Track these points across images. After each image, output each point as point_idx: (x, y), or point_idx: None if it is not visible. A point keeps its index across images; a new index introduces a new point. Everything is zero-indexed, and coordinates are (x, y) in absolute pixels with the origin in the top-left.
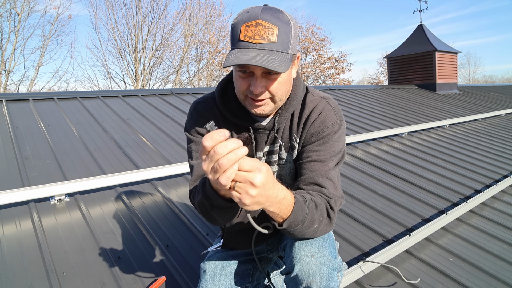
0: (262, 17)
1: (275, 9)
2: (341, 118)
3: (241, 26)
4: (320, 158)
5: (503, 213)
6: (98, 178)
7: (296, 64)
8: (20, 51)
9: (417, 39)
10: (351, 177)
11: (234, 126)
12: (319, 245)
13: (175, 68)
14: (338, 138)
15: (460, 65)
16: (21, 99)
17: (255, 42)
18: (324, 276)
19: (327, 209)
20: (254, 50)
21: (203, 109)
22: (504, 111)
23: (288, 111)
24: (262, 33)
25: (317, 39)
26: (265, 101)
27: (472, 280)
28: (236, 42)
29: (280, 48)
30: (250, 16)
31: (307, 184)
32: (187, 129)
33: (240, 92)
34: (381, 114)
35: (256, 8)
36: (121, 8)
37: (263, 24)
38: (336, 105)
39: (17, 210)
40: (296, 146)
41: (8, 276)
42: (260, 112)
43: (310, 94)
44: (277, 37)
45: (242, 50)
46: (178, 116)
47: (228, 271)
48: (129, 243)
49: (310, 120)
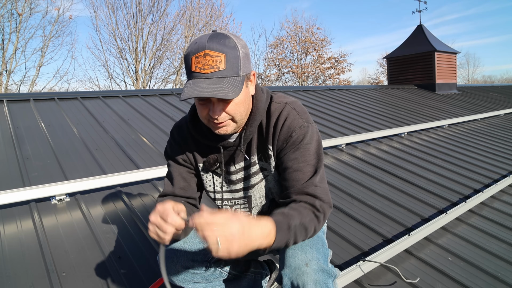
0: (209, 46)
1: (222, 35)
2: (307, 120)
3: (191, 58)
4: (299, 166)
5: (502, 212)
6: (98, 178)
7: (253, 80)
8: (21, 51)
9: (416, 39)
10: (351, 177)
11: (206, 147)
12: (313, 253)
13: (176, 68)
14: (310, 140)
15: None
16: (22, 99)
17: (205, 72)
18: (319, 283)
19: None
20: (205, 80)
21: (178, 135)
22: (503, 111)
23: (253, 125)
24: (211, 62)
25: (317, 39)
26: (226, 122)
27: (472, 279)
28: (189, 74)
29: (230, 73)
30: (198, 47)
31: (299, 194)
32: (165, 153)
33: (202, 117)
34: (380, 114)
35: (203, 38)
36: (122, 9)
37: (210, 54)
38: (301, 108)
39: (18, 210)
40: (271, 154)
41: (9, 276)
42: (223, 133)
43: (273, 102)
44: (226, 63)
45: (194, 81)
46: (178, 116)
47: (194, 241)
48: (130, 243)
49: (277, 127)
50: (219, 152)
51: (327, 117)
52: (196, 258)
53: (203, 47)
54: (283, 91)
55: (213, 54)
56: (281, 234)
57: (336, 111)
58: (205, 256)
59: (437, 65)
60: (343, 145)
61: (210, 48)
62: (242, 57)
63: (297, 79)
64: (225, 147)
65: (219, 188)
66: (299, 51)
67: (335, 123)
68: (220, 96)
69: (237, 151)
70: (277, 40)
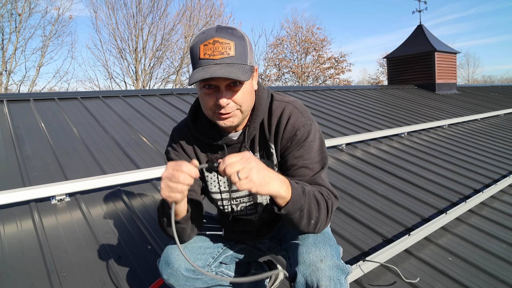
0: (218, 35)
1: (229, 27)
2: (309, 118)
3: (199, 46)
4: (305, 163)
5: (502, 212)
6: (98, 178)
7: (256, 76)
8: (21, 51)
9: (416, 39)
10: (351, 177)
11: (208, 147)
12: (327, 249)
13: (176, 68)
14: (313, 138)
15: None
16: (22, 99)
17: (215, 58)
18: (333, 279)
19: (327, 208)
20: (215, 65)
21: (179, 138)
22: (503, 111)
23: (256, 121)
24: (220, 48)
25: (317, 39)
26: (233, 113)
27: (471, 279)
28: (197, 62)
29: (239, 60)
30: (207, 36)
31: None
32: (166, 155)
33: (207, 109)
34: (380, 114)
35: (210, 29)
36: (122, 9)
37: (220, 41)
38: (302, 107)
39: (18, 210)
40: (273, 152)
41: (9, 276)
42: (229, 124)
43: (275, 100)
44: (235, 50)
45: (204, 67)
46: (178, 116)
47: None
48: (130, 242)
49: (281, 126)
50: (221, 151)
51: (327, 117)
52: (197, 264)
53: (212, 35)
54: (283, 91)
55: (223, 41)
56: (296, 193)
57: (336, 111)
58: (206, 260)
59: (437, 65)
60: (343, 145)
61: (219, 36)
62: (249, 48)
63: (297, 79)
64: (228, 144)
65: (224, 187)
66: (299, 51)
67: (335, 123)
68: (233, 76)
69: (242, 148)
70: (277, 40)
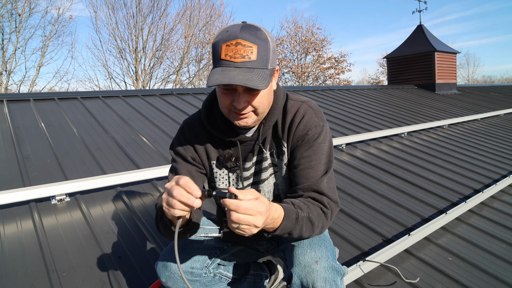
0: (241, 36)
1: (254, 27)
2: (323, 119)
3: (221, 45)
4: (311, 164)
5: (502, 212)
6: (98, 178)
7: (276, 76)
8: (21, 51)
9: (416, 39)
10: (351, 177)
11: (220, 143)
12: (322, 251)
13: (176, 68)
14: (323, 139)
15: (459, 65)
16: (22, 99)
17: (236, 61)
18: (328, 281)
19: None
20: (235, 69)
21: (189, 133)
22: (503, 111)
23: (271, 120)
24: (242, 52)
25: (317, 39)
26: (248, 114)
27: (471, 279)
28: (218, 61)
29: (260, 65)
30: (230, 35)
31: (307, 191)
32: (172, 148)
33: (224, 107)
34: (380, 114)
35: (235, 27)
36: (122, 9)
37: (242, 43)
38: (316, 107)
39: (18, 210)
40: (285, 151)
41: (9, 276)
42: (244, 124)
43: (290, 100)
44: (257, 55)
45: (224, 69)
46: (178, 116)
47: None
48: (130, 242)
49: (294, 124)
50: (234, 147)
51: (327, 117)
52: (195, 265)
53: (235, 36)
54: None
55: (245, 44)
56: (288, 221)
57: (336, 111)
58: (204, 262)
59: (437, 65)
60: (343, 145)
61: (242, 37)
62: (272, 50)
63: (297, 79)
64: (241, 141)
65: (232, 184)
66: (299, 51)
67: (335, 123)
68: (251, 85)
69: (255, 146)
70: (277, 40)
